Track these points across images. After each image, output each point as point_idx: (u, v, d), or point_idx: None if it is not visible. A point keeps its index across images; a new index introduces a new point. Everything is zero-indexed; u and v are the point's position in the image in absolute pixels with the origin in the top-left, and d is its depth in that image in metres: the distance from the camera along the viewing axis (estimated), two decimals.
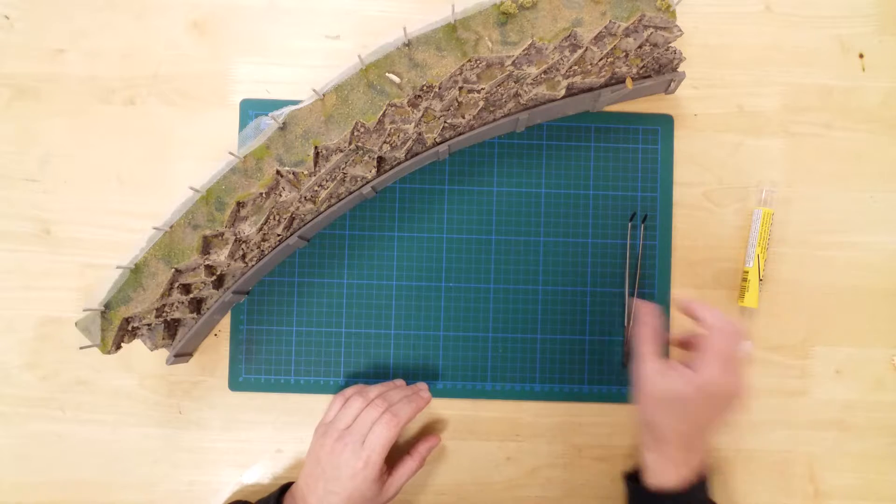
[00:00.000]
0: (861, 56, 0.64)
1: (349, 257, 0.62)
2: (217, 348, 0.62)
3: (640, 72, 0.58)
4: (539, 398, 0.61)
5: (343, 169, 0.55)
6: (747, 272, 0.61)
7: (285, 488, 0.56)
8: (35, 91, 0.62)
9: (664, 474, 0.52)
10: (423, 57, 0.52)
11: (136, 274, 0.52)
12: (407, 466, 0.57)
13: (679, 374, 0.50)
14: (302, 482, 0.55)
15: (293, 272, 0.62)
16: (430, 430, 0.62)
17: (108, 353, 0.53)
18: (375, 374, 0.61)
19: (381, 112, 0.52)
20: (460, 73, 0.53)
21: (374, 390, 0.57)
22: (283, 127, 0.52)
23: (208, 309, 0.57)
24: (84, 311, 0.52)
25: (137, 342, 0.58)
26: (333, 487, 0.53)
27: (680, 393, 0.50)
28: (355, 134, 0.53)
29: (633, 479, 0.55)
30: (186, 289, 0.55)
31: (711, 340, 0.50)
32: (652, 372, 0.52)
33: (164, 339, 0.56)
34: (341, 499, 0.53)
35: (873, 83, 0.63)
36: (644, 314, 0.54)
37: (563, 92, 0.56)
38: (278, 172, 0.52)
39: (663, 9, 0.53)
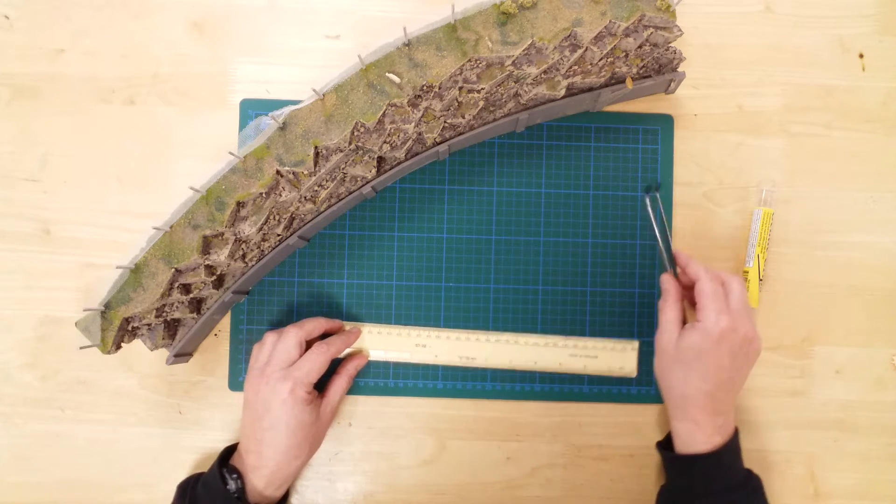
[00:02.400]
0: (861, 56, 0.63)
1: (349, 257, 0.62)
2: (217, 348, 0.62)
3: (640, 72, 0.58)
4: (539, 398, 0.61)
5: (343, 169, 0.55)
6: (747, 272, 0.61)
7: (228, 451, 0.56)
8: (35, 91, 0.62)
9: (693, 439, 0.53)
10: (423, 57, 0.52)
11: (136, 274, 0.52)
12: (337, 385, 0.57)
13: (690, 330, 0.52)
14: (241, 435, 0.55)
15: (293, 272, 0.62)
16: (358, 352, 0.61)
17: (108, 353, 0.53)
18: (375, 375, 0.61)
19: (381, 112, 0.52)
20: (460, 73, 0.53)
21: (289, 326, 0.56)
22: (283, 127, 0.52)
23: (208, 309, 0.57)
24: (84, 311, 0.52)
25: (137, 342, 0.58)
26: (268, 422, 0.52)
27: (694, 346, 0.52)
28: (355, 134, 0.53)
29: (666, 447, 0.56)
30: (186, 289, 0.55)
31: (700, 290, 0.53)
32: (669, 336, 0.54)
33: (164, 339, 0.56)
34: (279, 431, 0.52)
35: (873, 83, 0.63)
36: (665, 284, 0.57)
37: (563, 92, 0.56)
38: (278, 172, 0.52)
39: (663, 9, 0.53)
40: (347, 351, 0.60)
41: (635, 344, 0.61)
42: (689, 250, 0.62)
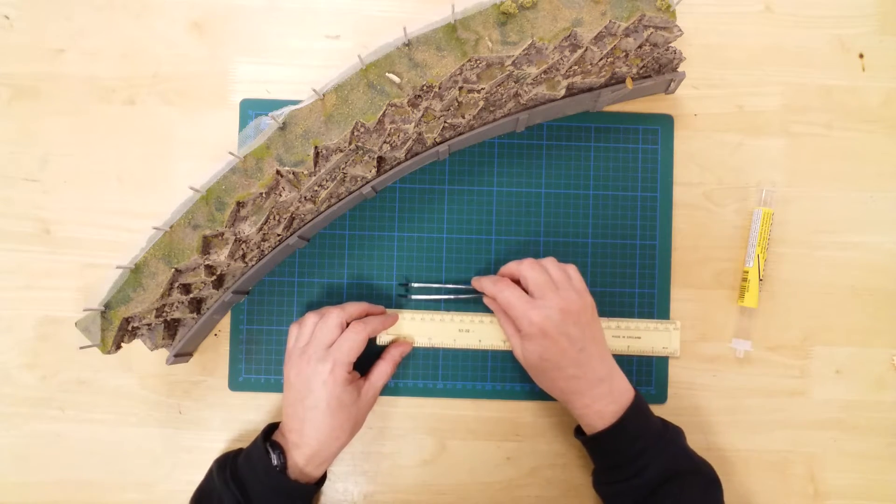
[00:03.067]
0: (861, 56, 0.63)
1: (349, 257, 0.62)
2: (217, 348, 0.62)
3: (640, 72, 0.58)
4: (539, 398, 0.61)
5: (343, 169, 0.55)
6: (747, 272, 0.61)
7: (271, 428, 0.56)
8: (35, 91, 0.62)
9: (592, 419, 0.53)
10: (423, 57, 0.52)
11: (136, 274, 0.52)
12: (380, 369, 0.57)
13: (521, 341, 0.54)
14: (284, 414, 0.55)
15: (293, 272, 0.62)
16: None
17: (108, 353, 0.53)
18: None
19: (381, 112, 0.52)
20: (460, 73, 0.53)
21: (328, 307, 0.57)
22: (283, 127, 0.52)
23: (208, 309, 0.57)
24: (84, 311, 0.52)
25: (137, 342, 0.58)
26: (310, 402, 0.53)
27: (532, 352, 0.54)
28: (355, 134, 0.53)
29: (581, 431, 0.57)
30: (186, 289, 0.55)
31: (501, 302, 0.55)
32: (517, 351, 0.55)
33: (164, 339, 0.56)
34: (321, 411, 0.53)
35: (873, 83, 0.63)
36: (487, 302, 0.59)
37: (563, 92, 0.56)
38: (278, 172, 0.52)
39: (663, 9, 0.53)
40: (388, 338, 0.60)
41: (678, 323, 0.61)
42: (690, 250, 0.62)
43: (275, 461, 0.52)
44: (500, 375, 0.61)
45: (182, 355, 0.58)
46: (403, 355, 0.59)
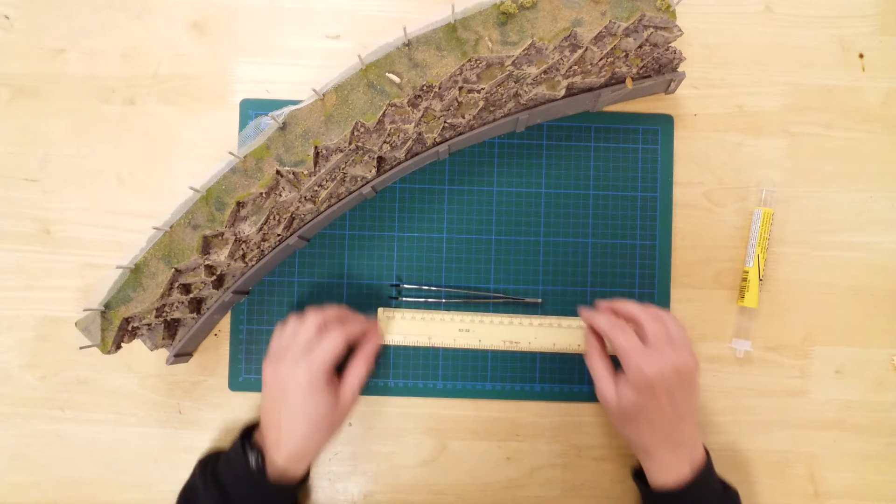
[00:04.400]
0: (861, 56, 0.63)
1: (349, 257, 0.62)
2: (217, 348, 0.62)
3: (640, 72, 0.58)
4: (539, 398, 0.61)
5: (343, 169, 0.55)
6: (747, 272, 0.61)
7: (250, 429, 0.56)
8: (35, 91, 0.62)
9: (663, 475, 0.52)
10: (423, 57, 0.52)
11: (136, 274, 0.52)
12: (354, 369, 0.55)
13: (623, 386, 0.52)
14: (261, 414, 0.55)
15: (293, 272, 0.62)
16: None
17: (108, 353, 0.53)
18: (374, 375, 0.61)
19: (381, 112, 0.52)
20: (460, 73, 0.53)
21: (310, 309, 0.56)
22: (283, 127, 0.52)
23: (208, 309, 0.57)
24: (84, 311, 0.52)
25: (137, 342, 0.58)
26: (288, 409, 0.52)
27: (631, 401, 0.52)
28: (355, 134, 0.53)
29: (640, 476, 0.56)
30: (186, 289, 0.55)
31: (616, 345, 0.53)
32: (608, 392, 0.54)
33: (164, 339, 0.56)
34: (297, 415, 0.52)
35: (873, 83, 0.63)
36: (588, 333, 0.57)
37: (563, 92, 0.56)
38: (278, 172, 0.52)
39: (663, 9, 0.53)
40: (399, 338, 0.60)
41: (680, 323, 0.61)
42: (690, 250, 0.62)
43: (252, 463, 0.52)
44: (500, 375, 0.61)
45: (182, 355, 0.58)
46: (376, 349, 0.57)
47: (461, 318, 0.61)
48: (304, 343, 0.53)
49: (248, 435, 0.55)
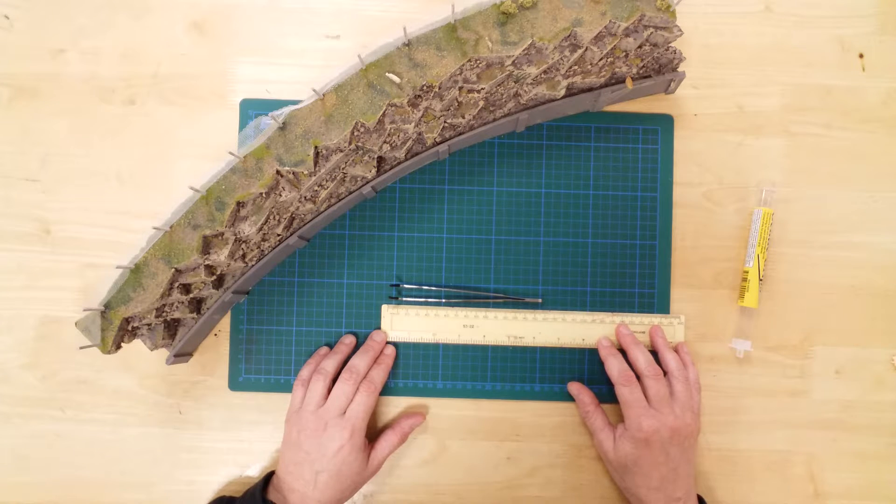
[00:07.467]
0: (861, 56, 0.63)
1: (349, 257, 0.62)
2: (217, 348, 0.62)
3: (640, 72, 0.58)
4: (539, 398, 0.61)
5: (343, 169, 0.55)
6: (747, 272, 0.61)
7: (267, 479, 0.56)
8: (35, 91, 0.62)
9: None
10: (423, 57, 0.52)
11: (136, 274, 0.52)
12: (388, 440, 0.58)
13: (621, 438, 0.55)
14: (283, 472, 0.55)
15: (293, 272, 0.62)
16: (415, 409, 0.62)
17: (108, 353, 0.53)
18: None
19: (381, 112, 0.52)
20: (460, 73, 0.53)
21: (331, 363, 0.58)
22: (283, 127, 0.52)
23: (208, 309, 0.57)
24: (84, 311, 0.52)
25: (137, 342, 0.58)
26: (321, 466, 0.54)
27: (628, 453, 0.55)
28: (355, 134, 0.53)
29: None
30: (186, 289, 0.55)
31: (619, 396, 0.56)
32: (606, 444, 0.57)
33: (164, 339, 0.56)
34: (330, 475, 0.54)
35: (873, 83, 0.63)
36: (574, 391, 0.60)
37: (563, 92, 0.56)
38: (278, 172, 0.52)
39: (663, 9, 0.53)
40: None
41: (682, 318, 0.61)
42: (690, 250, 0.62)
43: None
44: (501, 375, 0.61)
45: (182, 355, 0.58)
46: (414, 428, 0.60)
47: (465, 314, 0.61)
48: (342, 404, 0.55)
49: (263, 486, 0.56)
